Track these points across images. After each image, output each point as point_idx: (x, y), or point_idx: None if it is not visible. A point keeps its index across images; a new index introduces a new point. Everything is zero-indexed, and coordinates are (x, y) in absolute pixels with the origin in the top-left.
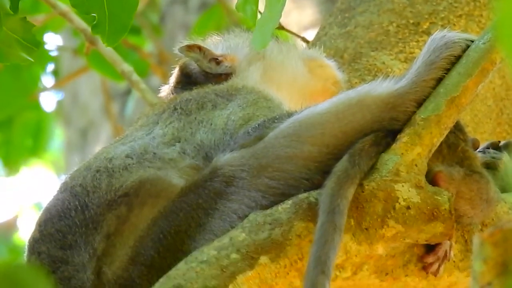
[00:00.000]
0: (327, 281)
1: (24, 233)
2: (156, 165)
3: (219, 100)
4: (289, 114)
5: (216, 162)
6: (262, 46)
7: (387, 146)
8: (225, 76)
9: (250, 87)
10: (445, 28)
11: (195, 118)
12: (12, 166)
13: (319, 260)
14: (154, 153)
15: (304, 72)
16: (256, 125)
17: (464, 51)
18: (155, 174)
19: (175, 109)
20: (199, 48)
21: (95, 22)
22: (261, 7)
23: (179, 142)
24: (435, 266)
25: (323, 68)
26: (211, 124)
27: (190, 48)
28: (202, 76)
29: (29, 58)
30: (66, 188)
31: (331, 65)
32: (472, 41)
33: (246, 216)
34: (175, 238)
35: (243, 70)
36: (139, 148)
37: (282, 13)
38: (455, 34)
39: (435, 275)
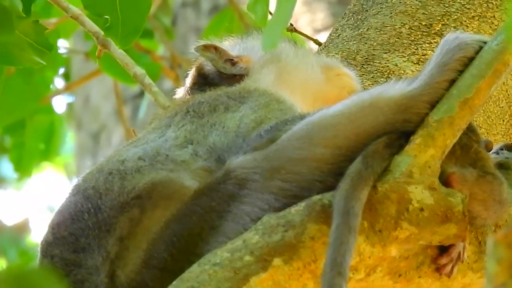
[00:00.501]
0: (344, 282)
1: (36, 236)
2: (168, 167)
3: (231, 103)
4: (302, 117)
5: (229, 165)
6: (272, 46)
7: (400, 147)
8: (239, 77)
9: (262, 90)
10: (458, 29)
11: (208, 121)
12: (24, 170)
13: (335, 262)
14: (167, 155)
15: (320, 78)
16: (269, 128)
17: (477, 52)
18: (168, 176)
19: (188, 111)
20: (215, 48)
21: (108, 25)
22: (272, 7)
23: (191, 144)
24: (449, 268)
25: (340, 77)
26: (224, 126)
27: (206, 48)
28: (217, 77)
29: (42, 61)
30: (78, 191)
31: (349, 75)
32: (485, 43)
33: (259, 218)
34: (188, 240)
35: (256, 72)
36: (151, 151)
37: (295, 16)
38: (468, 36)
39: (449, 277)
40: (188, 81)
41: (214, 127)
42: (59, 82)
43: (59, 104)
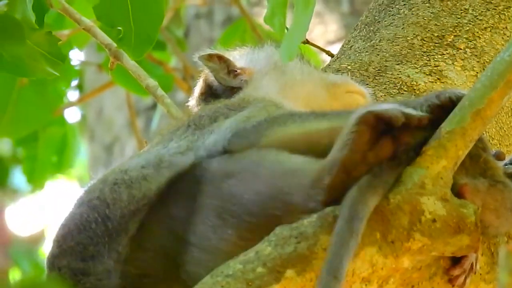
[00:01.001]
0: (339, 286)
1: (48, 248)
2: (173, 172)
3: (231, 113)
4: (288, 116)
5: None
6: (290, 58)
7: (409, 159)
8: (240, 88)
9: (261, 97)
10: (470, 41)
11: (208, 129)
12: (36, 182)
13: (332, 264)
14: (170, 161)
15: (324, 95)
16: (252, 126)
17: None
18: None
19: (189, 126)
20: (220, 58)
21: (120, 36)
22: (288, 19)
23: (191, 151)
24: (461, 279)
25: (350, 94)
26: (220, 127)
27: (210, 57)
28: (219, 88)
29: (55, 73)
30: (82, 203)
31: (360, 92)
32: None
33: (220, 219)
34: (176, 225)
35: (256, 81)
36: (154, 158)
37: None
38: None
39: (462, 287)
40: (196, 91)
41: (214, 132)
42: (72, 94)
43: (72, 115)
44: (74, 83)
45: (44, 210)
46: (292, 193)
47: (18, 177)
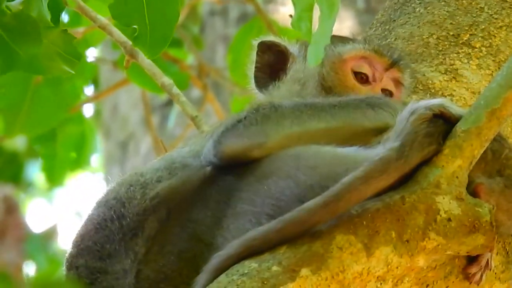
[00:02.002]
0: None
1: (63, 243)
2: (185, 172)
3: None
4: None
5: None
6: (317, 61)
7: (439, 144)
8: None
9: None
10: (486, 39)
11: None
12: (55, 180)
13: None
14: (182, 163)
15: None
16: (241, 127)
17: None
18: (185, 177)
19: (202, 131)
20: (279, 50)
21: (136, 34)
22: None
23: (200, 155)
24: (478, 276)
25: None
26: (217, 130)
27: (267, 46)
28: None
29: (70, 71)
30: (100, 204)
31: None
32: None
33: (255, 219)
34: (195, 228)
35: (277, 89)
36: (167, 161)
37: None
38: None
39: (478, 284)
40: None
41: (212, 135)
42: (87, 91)
43: (87, 112)
44: (90, 81)
45: (58, 206)
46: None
47: (33, 173)
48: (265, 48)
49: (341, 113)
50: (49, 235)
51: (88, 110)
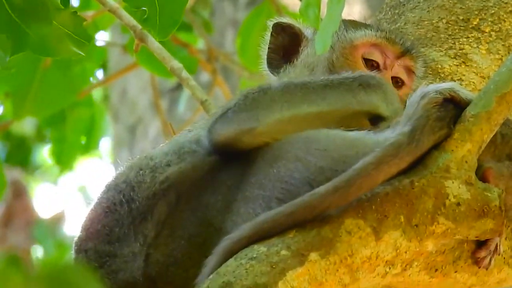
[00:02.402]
0: None
1: (71, 228)
2: (195, 157)
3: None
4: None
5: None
6: (324, 49)
7: (449, 128)
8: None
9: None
10: (495, 24)
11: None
12: (65, 163)
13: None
14: (192, 148)
15: None
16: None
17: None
18: (194, 162)
19: (211, 115)
20: (294, 33)
21: (145, 16)
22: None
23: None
24: (487, 260)
25: None
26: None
27: (283, 27)
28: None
29: (80, 53)
30: (109, 189)
31: None
32: None
33: (266, 204)
34: (206, 213)
35: (288, 73)
36: (175, 146)
37: None
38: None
39: (487, 269)
40: None
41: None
42: (97, 74)
43: (97, 96)
44: (100, 64)
45: (67, 190)
46: (352, 163)
47: (41, 157)
48: (280, 29)
49: (332, 95)
50: (57, 220)
51: (97, 94)
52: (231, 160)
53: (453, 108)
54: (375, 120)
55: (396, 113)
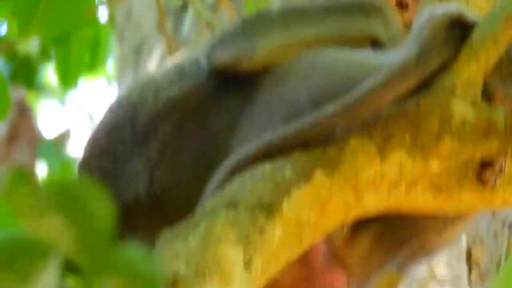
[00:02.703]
0: None
1: (76, 147)
2: (198, 78)
3: None
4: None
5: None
6: None
7: (457, 51)
8: None
9: None
10: None
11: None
12: (69, 81)
13: None
14: (193, 70)
15: None
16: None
17: None
18: (199, 82)
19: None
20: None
21: None
22: None
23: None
24: (492, 179)
25: None
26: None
27: None
28: None
29: None
30: (113, 108)
31: None
32: None
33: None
34: (207, 136)
35: None
36: (178, 66)
37: None
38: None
39: (493, 188)
40: None
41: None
42: None
43: (102, 17)
44: None
45: (71, 109)
46: (359, 82)
47: (46, 76)
48: None
49: (331, 19)
50: (62, 139)
51: (102, 14)
52: (233, 82)
53: (460, 30)
54: (377, 45)
55: (395, 38)
